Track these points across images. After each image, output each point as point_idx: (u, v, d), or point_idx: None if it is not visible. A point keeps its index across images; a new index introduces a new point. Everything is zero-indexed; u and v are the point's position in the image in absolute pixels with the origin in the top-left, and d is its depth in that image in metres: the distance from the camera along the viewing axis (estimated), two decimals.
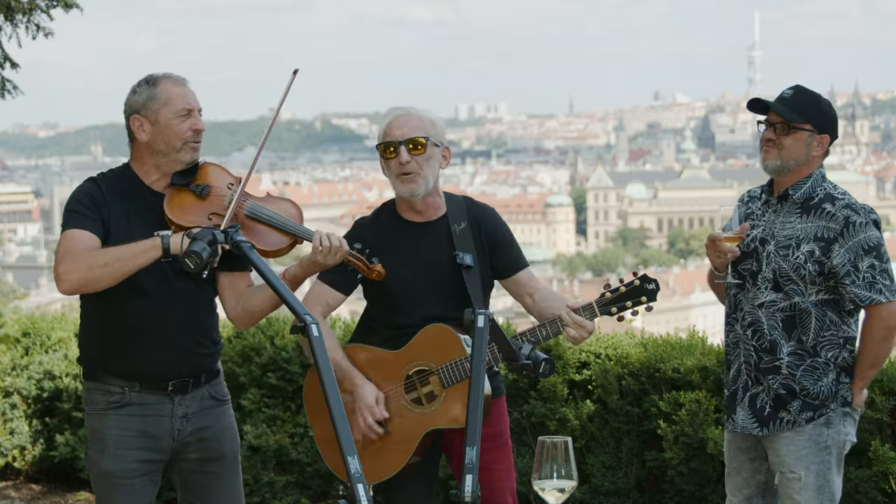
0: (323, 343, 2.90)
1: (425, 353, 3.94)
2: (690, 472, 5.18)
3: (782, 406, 3.96)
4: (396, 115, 3.98)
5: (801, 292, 3.94)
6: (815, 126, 3.98)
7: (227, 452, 3.85)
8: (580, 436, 5.44)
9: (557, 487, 2.95)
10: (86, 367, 3.79)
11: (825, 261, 3.91)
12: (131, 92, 3.76)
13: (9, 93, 6.89)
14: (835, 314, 3.96)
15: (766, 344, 3.98)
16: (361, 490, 2.70)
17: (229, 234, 3.37)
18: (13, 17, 6.68)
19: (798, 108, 3.98)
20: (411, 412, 3.96)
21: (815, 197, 3.99)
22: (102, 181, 3.74)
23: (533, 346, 3.25)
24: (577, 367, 5.53)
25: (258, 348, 6.22)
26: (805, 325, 3.95)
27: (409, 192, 3.96)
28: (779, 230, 4.00)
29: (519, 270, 4.09)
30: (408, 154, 3.92)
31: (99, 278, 3.55)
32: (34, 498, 6.94)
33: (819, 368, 3.95)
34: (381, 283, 3.96)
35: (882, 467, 4.69)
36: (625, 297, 3.89)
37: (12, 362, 7.08)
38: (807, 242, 3.94)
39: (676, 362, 5.26)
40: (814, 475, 3.94)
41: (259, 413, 6.20)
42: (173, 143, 3.70)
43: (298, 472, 6.11)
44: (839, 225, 3.91)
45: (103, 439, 3.69)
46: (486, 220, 4.08)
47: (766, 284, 3.98)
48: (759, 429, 4.00)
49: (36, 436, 7.01)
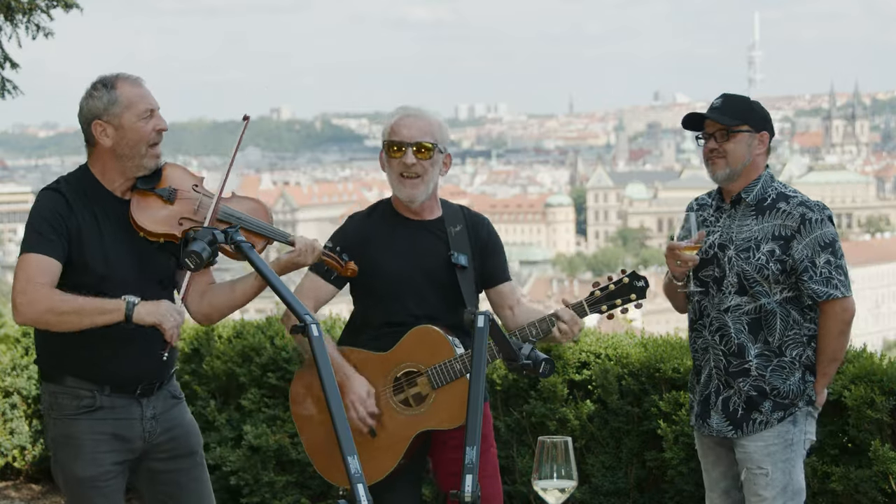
0: (323, 343, 2.91)
1: (414, 355, 3.93)
2: (690, 472, 5.18)
3: (754, 407, 4.03)
4: (406, 115, 3.96)
5: (766, 293, 4.00)
6: (751, 126, 4.06)
7: (196, 447, 3.85)
8: (580, 436, 5.44)
9: (557, 487, 2.95)
10: (48, 369, 3.69)
11: (786, 258, 3.98)
12: (87, 97, 3.64)
13: (9, 93, 6.89)
14: (797, 312, 4.02)
15: (733, 347, 4.05)
16: (361, 490, 2.70)
17: (229, 234, 3.38)
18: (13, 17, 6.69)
19: (731, 112, 4.06)
20: (400, 414, 3.94)
21: (768, 197, 4.06)
22: (67, 190, 3.62)
23: (533, 346, 3.25)
24: (577, 367, 5.53)
25: (258, 348, 6.22)
26: (770, 326, 4.02)
27: (409, 197, 3.96)
28: (736, 234, 4.06)
29: (504, 281, 4.11)
30: (414, 157, 3.92)
31: (51, 323, 3.52)
32: (34, 498, 6.94)
33: (786, 367, 4.02)
34: (372, 277, 3.95)
35: (882, 467, 4.69)
36: (614, 294, 3.91)
37: (12, 362, 7.08)
38: (766, 242, 4.00)
39: (676, 362, 5.27)
40: (780, 471, 4.01)
41: (259, 413, 6.19)
42: (138, 147, 3.62)
43: (298, 472, 6.11)
44: (796, 222, 3.98)
45: (77, 445, 3.62)
46: (480, 226, 4.10)
47: (730, 289, 4.04)
48: (734, 431, 4.07)
49: (36, 436, 7.01)
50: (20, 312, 3.50)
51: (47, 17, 6.76)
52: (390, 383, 3.96)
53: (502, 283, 4.10)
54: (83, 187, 3.65)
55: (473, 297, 4.02)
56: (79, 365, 3.63)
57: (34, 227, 3.57)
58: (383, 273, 3.97)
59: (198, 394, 6.40)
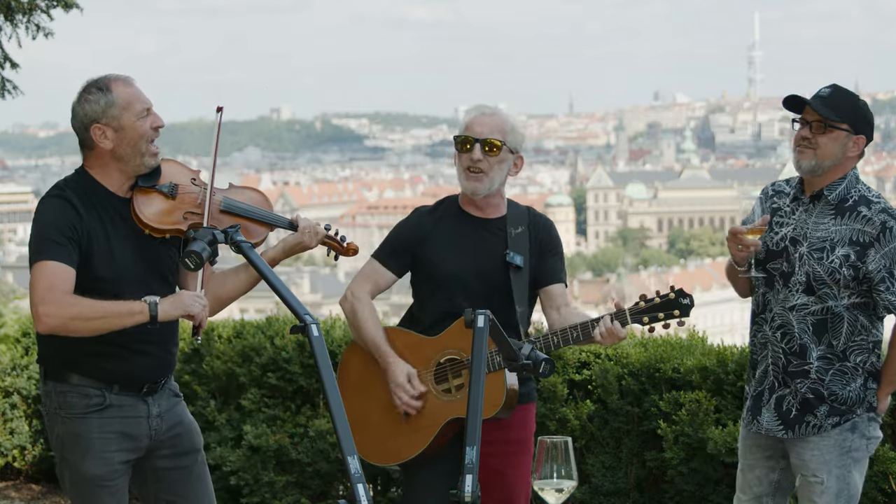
0: (323, 343, 2.91)
1: (459, 342, 4.00)
2: (690, 472, 5.18)
3: (809, 410, 3.92)
4: (481, 113, 4.07)
5: (834, 296, 3.89)
6: (851, 126, 3.90)
7: (198, 445, 3.87)
8: (580, 436, 5.44)
9: (557, 487, 2.96)
10: (53, 368, 3.68)
11: (860, 265, 3.85)
12: (82, 101, 3.63)
13: (9, 93, 6.89)
14: (865, 319, 3.92)
15: (795, 347, 3.93)
16: (361, 490, 2.70)
17: (229, 233, 3.38)
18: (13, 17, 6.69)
19: (836, 106, 3.90)
20: (438, 399, 4.03)
21: (850, 199, 3.92)
22: (71, 196, 3.61)
23: (533, 346, 3.25)
24: (577, 367, 5.53)
25: (258, 348, 6.22)
26: (836, 330, 3.90)
27: (472, 190, 4.05)
28: (812, 231, 3.93)
29: (555, 282, 4.14)
30: (481, 153, 4.01)
31: (78, 329, 3.50)
32: (34, 498, 6.94)
33: (848, 373, 3.91)
34: (428, 271, 4.09)
35: (882, 467, 4.69)
36: (658, 308, 3.91)
37: (12, 362, 7.08)
38: (842, 246, 3.87)
39: (676, 362, 5.27)
40: (835, 479, 3.91)
41: (259, 413, 6.20)
42: (139, 146, 3.62)
43: (298, 472, 6.11)
44: (876, 230, 3.85)
45: (86, 443, 3.63)
46: (542, 228, 4.16)
47: (798, 287, 3.92)
48: (784, 431, 3.96)
49: (36, 436, 7.01)
50: (44, 322, 3.47)
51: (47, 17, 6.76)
52: (432, 367, 4.06)
53: (553, 285, 4.14)
54: (87, 193, 3.64)
55: (525, 298, 4.08)
56: (86, 365, 3.63)
57: (45, 235, 3.54)
58: (438, 268, 4.08)
59: (198, 394, 6.40)
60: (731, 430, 4.97)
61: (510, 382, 3.94)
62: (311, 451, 6.03)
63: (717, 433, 5.00)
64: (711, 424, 5.09)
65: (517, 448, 4.12)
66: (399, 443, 4.06)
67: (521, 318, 4.04)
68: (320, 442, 6.00)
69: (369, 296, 4.13)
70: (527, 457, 4.16)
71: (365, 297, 4.12)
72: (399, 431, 4.06)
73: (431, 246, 4.10)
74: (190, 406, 6.36)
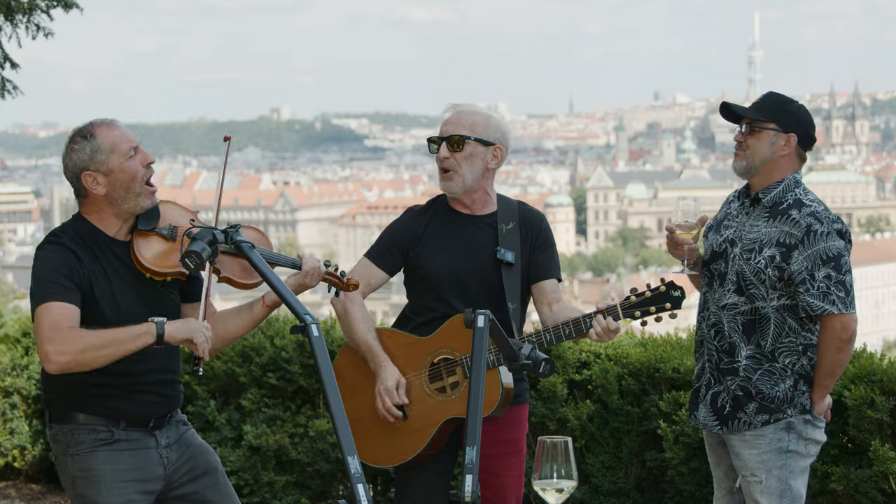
0: (323, 343, 2.91)
1: (452, 342, 4.01)
2: (690, 472, 5.18)
3: (740, 407, 4.01)
4: (451, 112, 4.11)
5: (762, 297, 3.96)
6: (778, 124, 4.00)
7: (215, 465, 3.84)
8: (580, 436, 5.44)
9: (557, 487, 2.96)
10: (58, 410, 3.65)
11: (785, 266, 3.92)
12: (69, 151, 3.60)
13: (9, 93, 6.89)
14: (795, 321, 3.97)
15: (726, 345, 4.02)
16: (361, 490, 2.70)
17: (229, 234, 3.37)
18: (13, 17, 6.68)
19: (763, 108, 4.03)
20: (432, 399, 4.03)
21: (785, 202, 4.00)
22: (69, 242, 3.58)
23: (533, 346, 3.25)
24: (577, 367, 5.52)
25: (258, 348, 6.22)
26: (764, 331, 3.98)
27: (445, 188, 4.09)
28: (746, 233, 4.03)
29: (547, 278, 4.14)
30: (447, 150, 4.03)
31: (90, 361, 3.45)
32: (34, 498, 6.94)
33: (776, 374, 3.97)
34: (421, 271, 4.09)
35: (882, 467, 4.68)
36: (649, 301, 3.94)
37: (12, 362, 7.08)
38: (769, 247, 3.95)
39: (676, 362, 5.26)
40: (775, 479, 3.97)
41: (259, 413, 6.20)
42: (132, 187, 3.58)
43: (298, 472, 6.11)
44: (801, 232, 3.92)
45: (98, 476, 3.58)
46: (533, 222, 4.15)
47: (730, 287, 4.02)
48: (719, 427, 4.06)
49: (36, 436, 7.01)
50: (53, 361, 3.43)
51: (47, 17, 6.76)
52: (426, 368, 4.06)
53: (545, 280, 4.13)
54: (82, 237, 3.61)
55: (517, 294, 4.07)
56: (91, 405, 3.60)
57: (47, 279, 3.51)
58: (430, 267, 4.08)
59: (198, 394, 6.40)
60: None
61: (505, 381, 3.95)
62: (311, 451, 6.03)
63: None
64: None
65: (510, 449, 4.12)
66: (396, 444, 4.06)
67: (514, 315, 4.03)
68: (320, 442, 6.00)
69: (361, 295, 4.13)
70: (519, 457, 4.17)
71: (356, 296, 4.11)
72: (396, 433, 4.05)
73: (423, 246, 4.10)
74: (190, 406, 6.37)
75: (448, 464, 4.14)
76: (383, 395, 4.01)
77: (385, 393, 4.01)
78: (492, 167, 4.08)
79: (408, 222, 4.18)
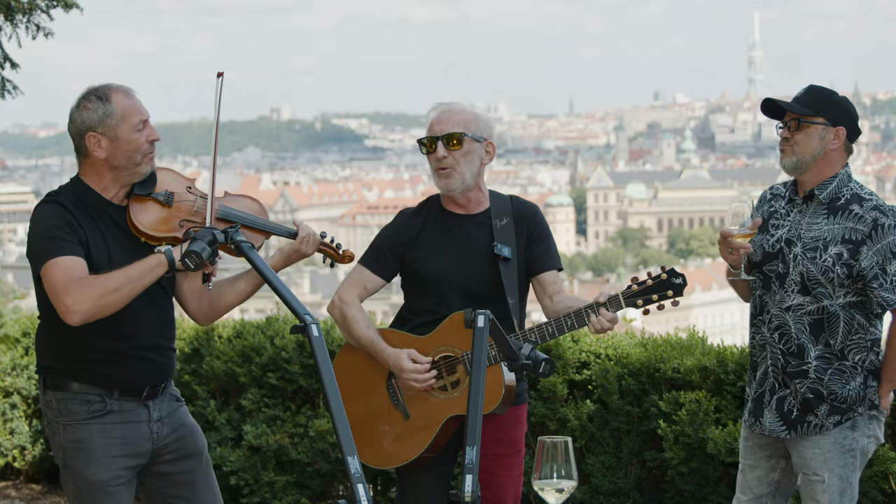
0: (323, 343, 2.91)
1: (451, 339, 3.99)
2: (690, 472, 5.18)
3: (810, 410, 3.92)
4: (439, 110, 4.07)
5: (829, 295, 3.89)
6: (827, 118, 3.92)
7: (202, 448, 3.87)
8: (580, 436, 5.44)
9: (557, 487, 2.95)
10: (52, 377, 3.67)
11: (853, 263, 3.86)
12: (80, 108, 3.62)
13: (9, 93, 6.88)
14: (862, 317, 3.92)
15: (793, 348, 3.93)
16: (361, 490, 2.70)
17: (229, 233, 3.38)
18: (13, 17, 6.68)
19: (808, 102, 3.94)
20: (434, 397, 4.01)
21: (842, 197, 3.92)
22: (66, 201, 3.61)
23: (534, 345, 3.25)
24: (577, 367, 5.52)
25: (258, 348, 6.22)
26: (833, 329, 3.91)
27: (445, 187, 4.05)
28: (805, 231, 3.95)
29: (546, 270, 4.12)
30: (444, 149, 4.00)
31: (110, 305, 3.48)
32: (34, 498, 6.94)
33: (847, 372, 3.91)
34: (419, 273, 4.07)
35: (882, 467, 4.68)
36: (651, 290, 3.88)
37: (12, 362, 7.08)
38: (834, 245, 3.88)
39: (676, 362, 5.26)
40: (837, 478, 3.91)
41: (259, 413, 6.20)
42: (133, 157, 3.62)
43: (298, 472, 6.11)
44: (867, 227, 3.86)
45: (89, 449, 3.62)
46: (527, 215, 4.13)
47: (793, 287, 3.93)
48: (787, 432, 3.97)
49: (36, 436, 7.01)
50: (74, 311, 3.45)
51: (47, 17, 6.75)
52: None
53: (544, 273, 4.12)
54: (82, 200, 3.64)
55: (515, 289, 4.05)
56: (85, 372, 3.63)
57: (48, 235, 3.54)
58: (428, 270, 4.06)
59: (198, 394, 6.40)
60: (731, 430, 4.97)
61: (507, 378, 3.94)
62: (311, 451, 6.03)
63: (717, 433, 5.00)
64: (711, 424, 5.09)
65: (508, 449, 4.12)
66: (399, 445, 4.04)
67: (514, 310, 4.02)
68: (320, 442, 6.00)
69: (358, 300, 4.12)
70: (518, 457, 4.16)
71: (354, 300, 4.10)
72: (397, 434, 4.05)
73: (419, 249, 4.08)
74: (190, 406, 6.36)
75: (448, 465, 4.13)
76: (409, 375, 3.96)
77: (408, 373, 3.96)
78: (485, 163, 4.08)
79: (401, 226, 4.15)
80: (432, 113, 4.08)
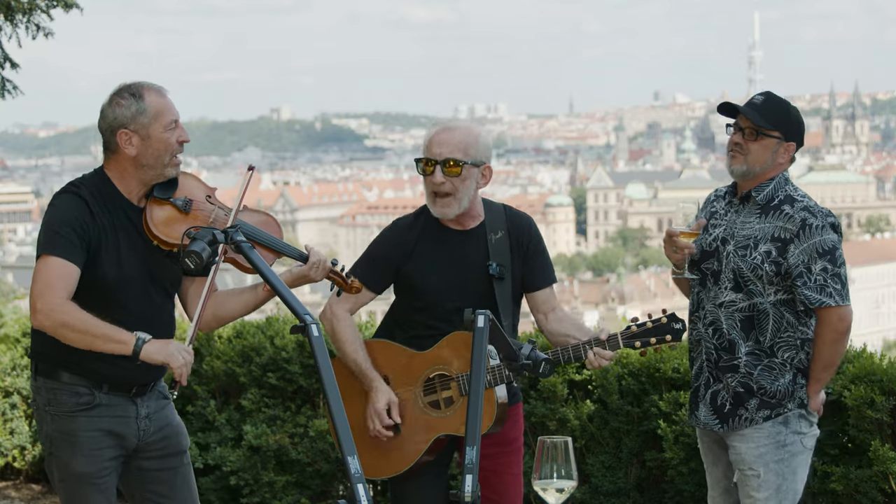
0: (323, 343, 2.91)
1: (448, 359, 3.99)
2: (690, 472, 5.18)
3: (741, 404, 4.02)
4: (440, 130, 4.00)
5: (760, 293, 3.99)
6: (783, 133, 4.01)
7: (184, 447, 3.88)
8: (580, 436, 5.44)
9: (557, 487, 2.96)
10: (44, 364, 3.69)
11: (781, 261, 3.96)
12: (113, 104, 3.63)
13: (9, 93, 6.89)
14: (792, 315, 4.00)
15: (724, 343, 4.04)
16: (361, 490, 2.70)
17: (229, 234, 3.38)
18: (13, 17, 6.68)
19: (768, 114, 4.01)
20: (426, 415, 4.01)
21: (776, 198, 4.02)
22: (87, 194, 3.62)
23: (533, 345, 3.25)
24: (577, 367, 5.52)
25: (258, 348, 6.22)
26: (762, 326, 4.00)
27: (442, 214, 4.00)
28: (738, 230, 4.04)
29: (540, 288, 4.13)
30: (443, 175, 3.94)
31: (66, 337, 3.51)
32: (34, 498, 6.94)
33: (776, 368, 4.00)
34: (413, 287, 4.04)
35: (882, 467, 4.68)
36: (650, 332, 3.97)
37: (12, 362, 7.08)
38: (764, 243, 3.98)
39: (676, 362, 5.27)
40: (773, 473, 3.99)
41: (259, 413, 6.19)
42: (162, 157, 3.64)
43: (298, 472, 6.11)
44: (796, 226, 3.95)
45: (76, 441, 3.64)
46: (522, 228, 4.11)
47: (726, 284, 4.03)
48: (720, 425, 4.06)
49: (36, 436, 7.01)
50: (37, 319, 3.50)
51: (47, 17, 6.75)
52: (421, 383, 4.03)
53: (537, 291, 4.13)
54: (103, 194, 3.65)
55: (509, 306, 4.05)
56: (77, 364, 3.64)
57: (56, 229, 3.55)
58: (423, 284, 4.04)
59: (198, 394, 6.40)
60: None
61: (500, 396, 3.95)
62: (311, 451, 6.03)
63: None
64: None
65: (508, 448, 4.12)
66: (389, 457, 4.03)
67: (507, 330, 4.00)
68: (320, 442, 6.00)
69: (349, 313, 4.11)
70: (518, 456, 4.17)
71: (344, 314, 4.09)
72: (387, 446, 4.03)
73: (414, 263, 4.05)
74: (190, 406, 6.37)
75: (443, 467, 4.13)
76: (374, 416, 4.00)
77: (376, 415, 3.99)
78: (481, 186, 4.05)
79: (396, 238, 4.11)
80: (432, 132, 4.01)
